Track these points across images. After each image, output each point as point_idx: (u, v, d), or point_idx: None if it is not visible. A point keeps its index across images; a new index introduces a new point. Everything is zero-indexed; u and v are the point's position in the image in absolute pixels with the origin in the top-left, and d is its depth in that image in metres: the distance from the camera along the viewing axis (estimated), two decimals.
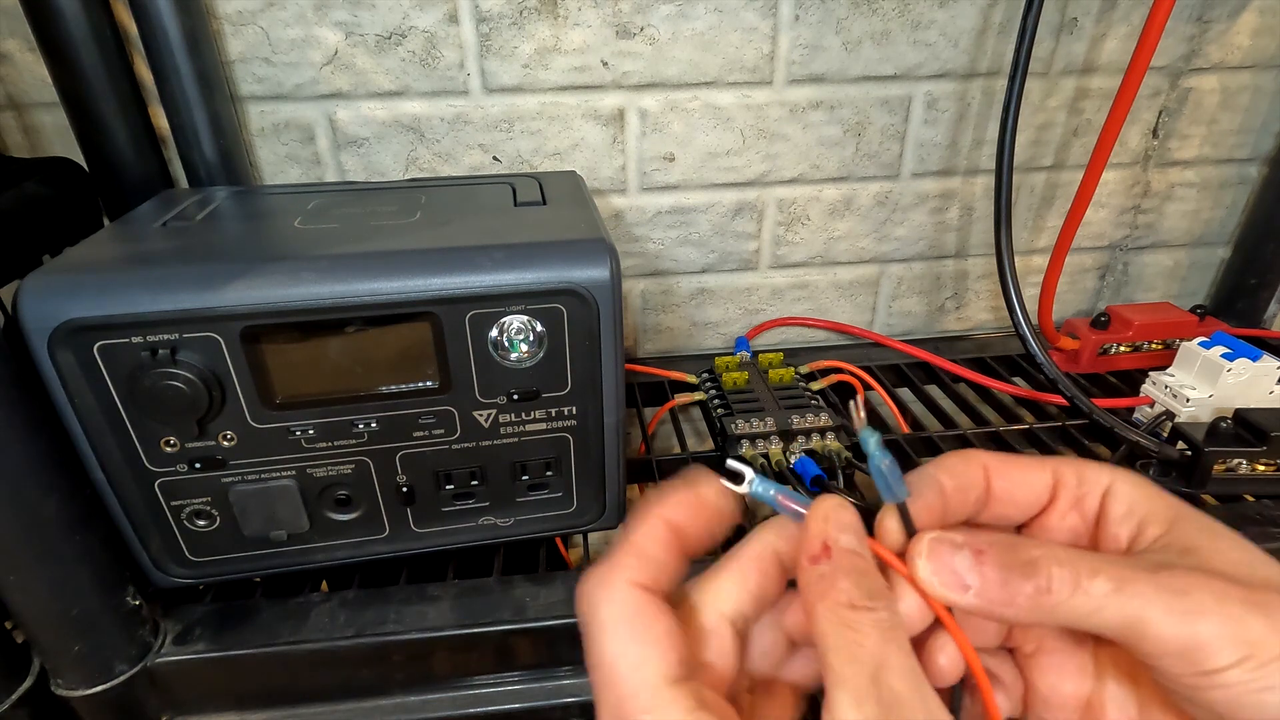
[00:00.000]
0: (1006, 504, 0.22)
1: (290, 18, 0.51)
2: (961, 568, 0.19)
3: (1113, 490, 0.21)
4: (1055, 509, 0.22)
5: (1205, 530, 0.20)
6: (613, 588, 0.20)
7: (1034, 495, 0.22)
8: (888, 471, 0.21)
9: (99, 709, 0.37)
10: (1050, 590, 0.18)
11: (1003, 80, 0.59)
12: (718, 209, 0.62)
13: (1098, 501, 0.22)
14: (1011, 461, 0.22)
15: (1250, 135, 0.65)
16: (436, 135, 0.56)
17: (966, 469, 0.22)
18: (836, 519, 0.20)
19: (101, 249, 0.36)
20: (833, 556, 0.20)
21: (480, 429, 0.38)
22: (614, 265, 0.35)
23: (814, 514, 0.21)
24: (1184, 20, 0.59)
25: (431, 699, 0.41)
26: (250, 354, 0.33)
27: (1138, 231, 0.69)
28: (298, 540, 0.39)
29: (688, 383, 0.60)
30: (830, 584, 0.19)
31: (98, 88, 0.46)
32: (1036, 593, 0.19)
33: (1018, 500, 0.22)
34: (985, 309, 0.71)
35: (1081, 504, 0.22)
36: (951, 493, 0.22)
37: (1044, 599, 0.19)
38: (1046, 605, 0.19)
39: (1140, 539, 0.21)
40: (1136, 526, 0.21)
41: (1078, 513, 0.22)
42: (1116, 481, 0.22)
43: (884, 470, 0.21)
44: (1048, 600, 0.19)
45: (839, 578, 0.19)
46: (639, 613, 0.20)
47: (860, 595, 0.19)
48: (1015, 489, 0.22)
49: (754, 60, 0.56)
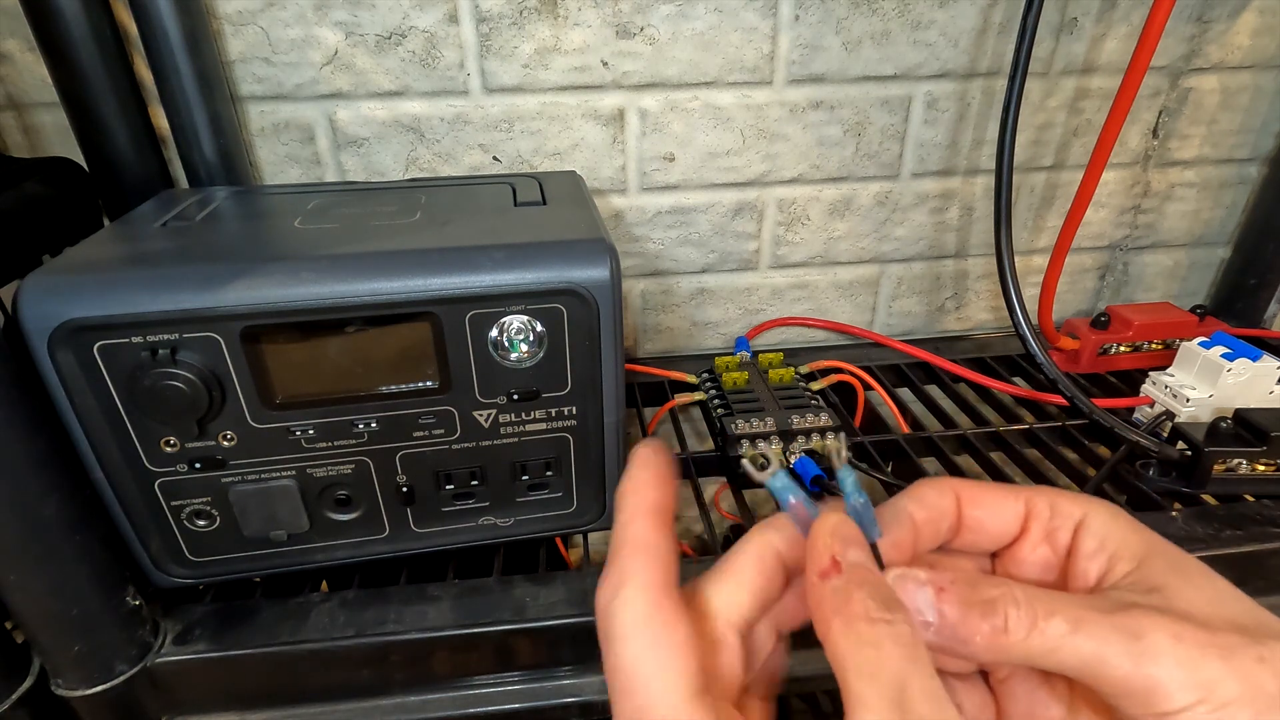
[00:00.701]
0: (978, 533, 0.23)
1: (290, 18, 0.51)
2: (922, 604, 0.19)
3: (1085, 524, 0.22)
4: (1027, 540, 0.22)
5: (1174, 567, 0.20)
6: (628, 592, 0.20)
7: (1005, 525, 0.23)
8: (861, 511, 0.21)
9: (99, 709, 0.37)
10: (1007, 630, 0.19)
11: (1003, 80, 0.59)
12: (718, 209, 0.62)
13: (1070, 534, 0.22)
14: (984, 490, 0.23)
15: (1250, 135, 0.65)
16: (436, 135, 0.56)
17: (939, 499, 0.22)
18: (842, 534, 0.20)
19: (101, 249, 0.36)
20: (843, 570, 0.19)
21: (480, 429, 0.38)
22: (614, 265, 0.35)
23: (819, 529, 0.21)
24: (1184, 20, 0.59)
25: (431, 699, 0.41)
26: (250, 354, 0.33)
27: (1138, 231, 0.69)
28: (298, 540, 0.39)
29: (688, 383, 0.60)
30: (845, 598, 0.19)
31: (98, 88, 0.46)
32: (993, 632, 0.19)
33: (989, 530, 0.23)
34: (985, 309, 0.71)
35: (1053, 536, 0.22)
36: (923, 524, 0.22)
37: (1000, 638, 0.19)
38: (1003, 644, 0.19)
39: (1109, 575, 0.21)
40: (1107, 562, 0.21)
41: (1049, 545, 0.22)
42: (1090, 515, 0.22)
43: (858, 510, 0.21)
44: (1004, 640, 0.19)
45: (853, 590, 0.19)
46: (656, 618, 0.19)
47: (877, 607, 0.18)
48: (987, 518, 0.22)
49: (754, 60, 0.56)
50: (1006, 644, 0.19)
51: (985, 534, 0.23)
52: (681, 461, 0.53)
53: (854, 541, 0.20)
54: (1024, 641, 0.19)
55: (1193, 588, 0.19)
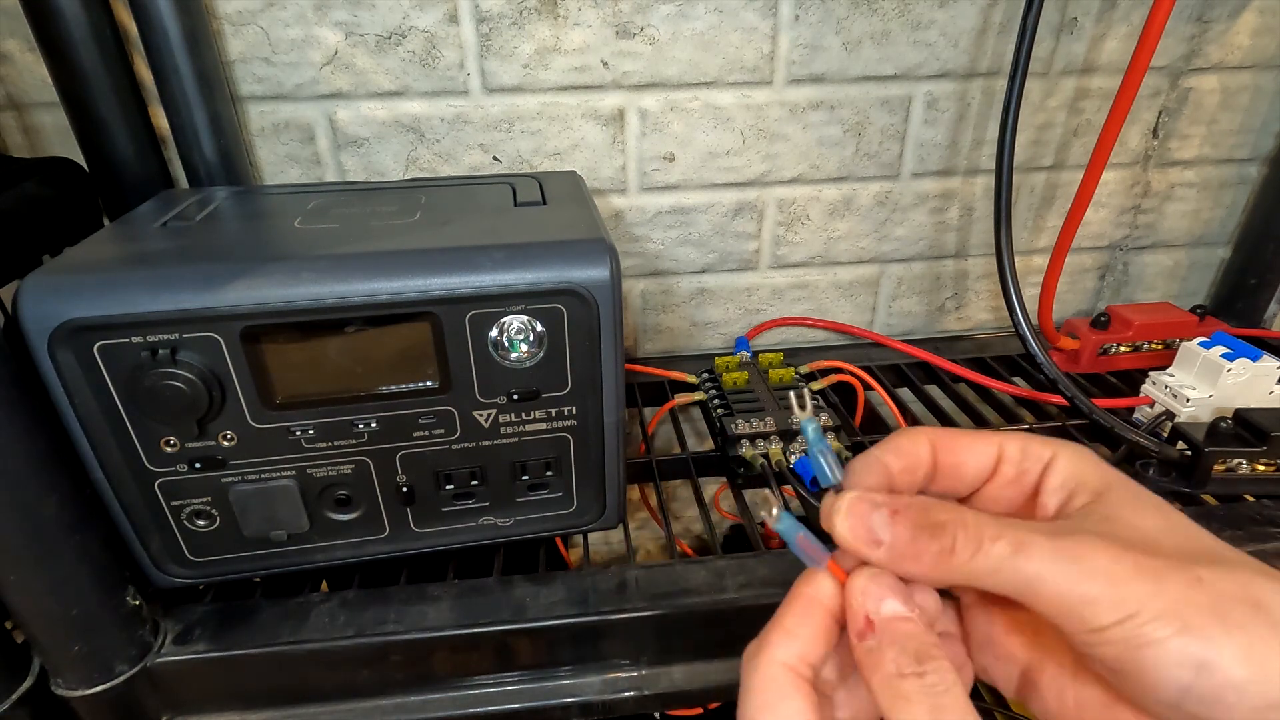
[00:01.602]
0: (953, 478, 0.24)
1: (290, 18, 0.51)
2: (877, 525, 0.21)
3: (1053, 464, 0.23)
4: (996, 481, 0.23)
5: (1129, 501, 0.21)
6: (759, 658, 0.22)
7: (979, 468, 0.23)
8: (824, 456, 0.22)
9: (99, 709, 0.37)
10: (954, 551, 0.20)
11: (1003, 80, 0.59)
12: (718, 209, 0.62)
13: (1038, 475, 0.23)
14: (959, 436, 0.23)
15: (1250, 135, 0.65)
16: (436, 135, 0.56)
17: (913, 448, 0.23)
18: (874, 591, 0.21)
19: (101, 249, 0.36)
20: (876, 629, 0.20)
21: (480, 429, 0.38)
22: (614, 265, 0.35)
23: (852, 590, 0.21)
24: (1184, 20, 0.59)
25: (431, 699, 0.41)
26: (250, 354, 0.33)
27: (1138, 231, 0.69)
28: (298, 540, 0.39)
29: (688, 383, 0.60)
30: (879, 657, 0.20)
31: (98, 88, 0.46)
32: (941, 552, 0.20)
33: (963, 475, 0.23)
34: (985, 309, 0.71)
35: (1023, 478, 0.23)
36: (899, 473, 0.23)
37: (947, 559, 0.20)
38: (950, 565, 0.20)
39: (1068, 507, 0.22)
40: (1067, 496, 0.22)
41: (1018, 485, 0.23)
42: (1058, 456, 0.23)
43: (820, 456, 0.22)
44: (951, 560, 0.20)
45: (885, 650, 0.20)
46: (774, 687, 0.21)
47: (908, 662, 0.19)
48: (961, 464, 0.23)
49: (754, 60, 0.56)
50: (953, 565, 0.20)
51: (960, 479, 0.24)
52: (681, 461, 0.53)
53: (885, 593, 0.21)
54: (969, 563, 0.20)
55: (1144, 518, 0.20)
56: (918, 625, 0.20)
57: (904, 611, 0.21)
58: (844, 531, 0.21)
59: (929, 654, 0.20)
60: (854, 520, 0.21)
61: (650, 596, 0.40)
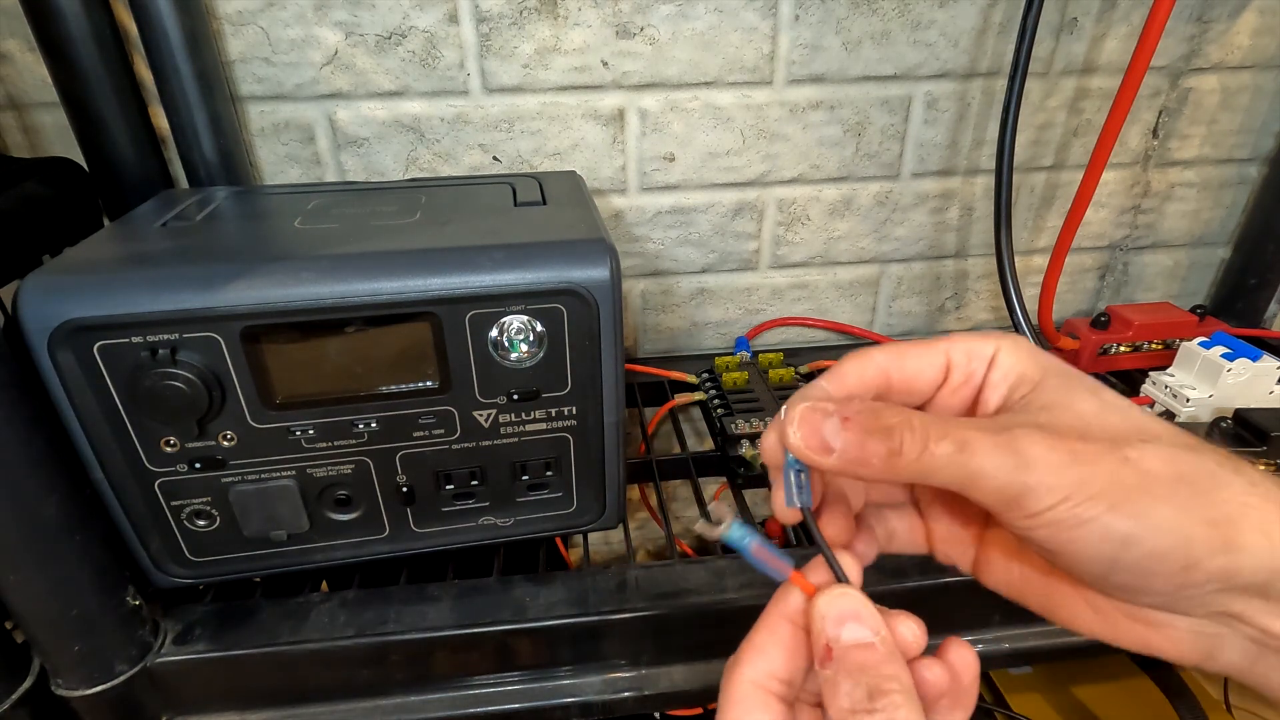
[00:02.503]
0: (906, 393, 0.24)
1: (290, 18, 0.51)
2: (828, 432, 0.21)
3: (995, 359, 0.23)
4: (948, 385, 0.24)
5: (1064, 386, 0.22)
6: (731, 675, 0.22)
7: (930, 379, 0.24)
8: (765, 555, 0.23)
9: (99, 709, 0.37)
10: (901, 452, 0.20)
11: (1003, 80, 0.59)
12: (718, 209, 0.62)
13: (984, 371, 0.24)
14: (906, 353, 0.24)
15: (1250, 135, 0.65)
16: (436, 135, 0.56)
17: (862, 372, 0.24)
18: (834, 616, 0.21)
19: (101, 249, 0.36)
20: (834, 657, 0.21)
21: (480, 429, 0.38)
22: (614, 265, 0.35)
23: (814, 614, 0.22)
24: (1184, 20, 0.59)
25: (431, 699, 0.41)
26: (250, 354, 0.33)
27: (1138, 231, 0.69)
28: (298, 540, 0.39)
29: (688, 383, 0.60)
30: (834, 688, 0.20)
31: (98, 88, 0.46)
32: (889, 454, 0.21)
33: (916, 388, 0.24)
34: (985, 309, 0.71)
35: (971, 378, 0.24)
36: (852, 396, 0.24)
37: (895, 460, 0.21)
38: (897, 465, 0.21)
39: (1010, 399, 0.23)
40: (1008, 388, 0.23)
41: (968, 385, 0.24)
42: (1000, 350, 0.23)
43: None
44: (899, 461, 0.21)
45: (840, 682, 0.20)
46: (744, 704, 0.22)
47: (861, 697, 0.20)
48: (913, 379, 0.24)
49: (754, 60, 0.56)
50: (900, 465, 0.21)
51: (913, 392, 0.24)
52: (681, 461, 0.53)
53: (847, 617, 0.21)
54: (916, 461, 0.20)
55: (1080, 402, 0.21)
56: (877, 653, 0.20)
57: (865, 638, 0.21)
58: (796, 441, 0.21)
59: (881, 689, 0.20)
60: (806, 429, 0.21)
61: (650, 596, 0.40)
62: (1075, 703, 0.62)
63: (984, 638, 0.44)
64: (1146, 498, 0.19)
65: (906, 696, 0.19)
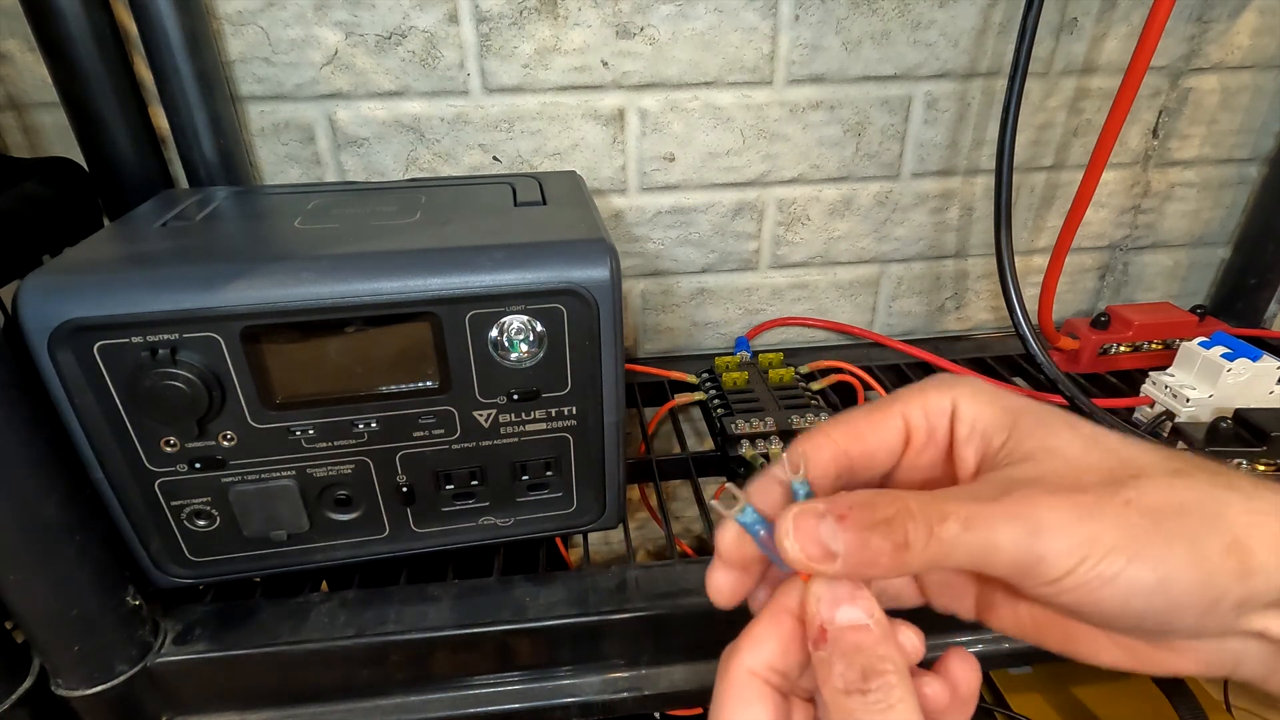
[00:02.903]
0: (869, 469, 0.23)
1: (290, 18, 0.51)
2: (827, 536, 0.20)
3: (956, 412, 0.23)
4: (912, 448, 0.23)
5: (1041, 427, 0.21)
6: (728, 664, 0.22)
7: (891, 448, 0.23)
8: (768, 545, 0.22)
9: (99, 709, 0.37)
10: (908, 545, 0.19)
11: (1003, 80, 0.59)
12: (718, 209, 0.62)
13: (948, 427, 0.23)
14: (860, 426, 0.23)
15: (1250, 135, 0.65)
16: (436, 135, 0.56)
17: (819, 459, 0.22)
18: (829, 597, 0.21)
19: (101, 249, 0.36)
20: (829, 639, 0.20)
21: (480, 429, 0.38)
22: (614, 265, 0.35)
23: (808, 596, 0.21)
24: (1184, 20, 0.59)
25: (431, 699, 0.41)
26: (250, 354, 0.33)
27: (1138, 231, 0.69)
28: (298, 540, 0.39)
29: (688, 383, 0.60)
30: (829, 670, 0.20)
31: (98, 88, 0.46)
32: (896, 550, 0.19)
33: (879, 460, 0.23)
34: (985, 309, 0.71)
35: (935, 435, 0.23)
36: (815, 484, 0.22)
37: (903, 554, 0.19)
38: (907, 559, 0.20)
39: (987, 453, 0.22)
40: (982, 441, 0.22)
41: (933, 444, 0.23)
42: (958, 402, 0.23)
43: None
44: (907, 555, 0.19)
45: (834, 662, 0.20)
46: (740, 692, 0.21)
47: (855, 678, 0.19)
48: (874, 452, 0.23)
49: (754, 60, 0.56)
50: (909, 558, 0.19)
51: (876, 465, 0.23)
52: (681, 461, 0.53)
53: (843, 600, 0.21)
54: (924, 551, 0.19)
55: (1063, 444, 0.21)
56: (871, 634, 0.20)
57: (859, 619, 0.20)
58: (796, 554, 0.20)
59: (876, 669, 0.19)
60: (804, 539, 0.20)
61: (650, 596, 0.40)
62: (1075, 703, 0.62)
63: (984, 637, 0.43)
64: (1160, 539, 0.19)
65: (900, 677, 0.19)
